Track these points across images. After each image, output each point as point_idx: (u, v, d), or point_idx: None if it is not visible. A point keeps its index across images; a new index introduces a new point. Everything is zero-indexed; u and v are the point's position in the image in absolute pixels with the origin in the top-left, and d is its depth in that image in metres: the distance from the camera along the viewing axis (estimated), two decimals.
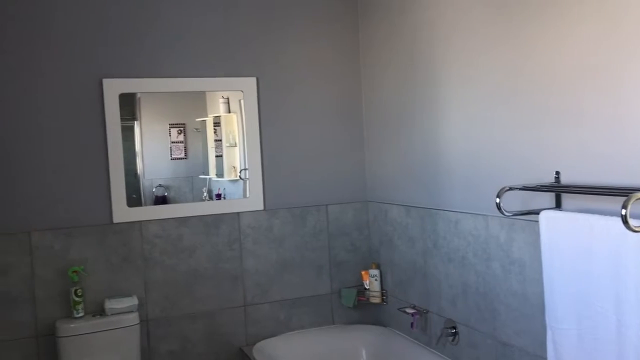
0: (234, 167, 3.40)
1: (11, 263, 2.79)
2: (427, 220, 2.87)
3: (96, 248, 2.92)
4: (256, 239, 3.22)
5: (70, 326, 2.77)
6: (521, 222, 2.25)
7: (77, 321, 2.81)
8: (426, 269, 2.90)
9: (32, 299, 2.82)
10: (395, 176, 3.17)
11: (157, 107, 3.29)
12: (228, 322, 3.16)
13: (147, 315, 3.01)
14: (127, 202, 3.01)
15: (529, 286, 2.25)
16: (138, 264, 3.00)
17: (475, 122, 2.50)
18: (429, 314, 2.89)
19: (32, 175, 2.82)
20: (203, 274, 3.12)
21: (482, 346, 2.53)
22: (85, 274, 2.89)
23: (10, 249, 2.78)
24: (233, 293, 3.18)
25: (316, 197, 3.35)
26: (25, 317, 2.81)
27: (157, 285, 3.03)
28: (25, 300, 2.81)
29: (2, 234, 2.77)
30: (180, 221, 3.08)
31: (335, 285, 3.38)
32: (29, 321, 2.82)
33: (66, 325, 2.77)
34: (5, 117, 2.78)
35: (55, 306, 2.85)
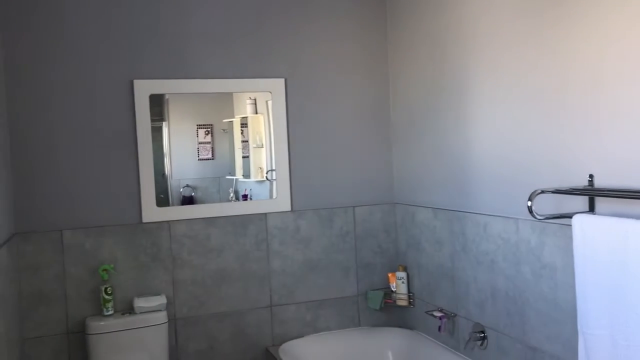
0: (261, 168, 3.42)
1: (44, 261, 2.84)
2: (455, 223, 2.84)
3: (126, 247, 2.96)
4: (283, 240, 3.23)
5: (100, 324, 2.81)
6: (553, 226, 2.22)
7: (106, 319, 2.85)
8: (454, 272, 2.87)
9: (63, 296, 2.87)
10: (422, 178, 3.14)
11: (185, 108, 3.33)
12: (255, 323, 3.18)
13: (175, 314, 3.04)
14: (156, 202, 3.04)
15: (560, 291, 2.21)
16: (166, 263, 3.03)
17: (506, 123, 2.47)
18: (457, 317, 2.86)
19: (65, 175, 2.87)
20: (230, 274, 3.14)
21: (511, 351, 2.50)
22: (115, 273, 2.93)
23: (43, 247, 2.84)
24: (260, 293, 3.19)
25: (343, 199, 3.34)
26: (57, 314, 2.86)
27: (185, 284, 3.06)
28: (57, 298, 2.86)
29: (35, 233, 2.83)
30: (208, 221, 3.11)
31: (361, 287, 3.37)
32: (61, 318, 2.87)
33: (96, 322, 2.81)
34: (40, 118, 2.83)
35: (85, 304, 2.90)
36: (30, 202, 2.82)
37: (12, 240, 2.66)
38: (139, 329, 2.85)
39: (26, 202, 2.81)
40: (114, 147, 2.95)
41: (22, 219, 2.81)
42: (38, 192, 2.83)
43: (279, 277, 3.22)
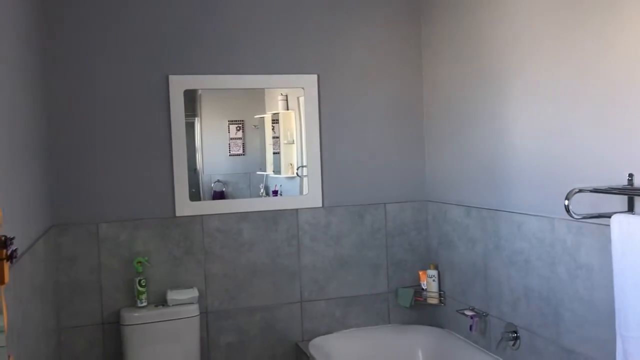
0: (291, 164, 3.43)
1: (80, 253, 2.90)
2: (489, 221, 2.81)
3: (159, 240, 3.01)
4: (314, 236, 3.24)
5: (134, 315, 2.86)
6: (590, 225, 2.17)
7: (140, 310, 2.89)
8: (486, 271, 2.84)
9: (99, 287, 2.93)
10: (455, 176, 3.11)
11: (217, 104, 3.36)
12: (285, 318, 3.19)
13: (207, 307, 3.07)
14: (189, 197, 3.08)
15: (596, 292, 2.16)
16: (199, 257, 3.06)
17: (544, 121, 2.43)
18: (489, 317, 2.83)
19: (101, 169, 2.93)
20: (261, 269, 3.16)
21: (544, 352, 2.46)
22: (149, 265, 2.98)
23: (79, 239, 2.90)
24: (290, 289, 3.20)
25: (375, 196, 3.33)
26: (92, 305, 2.92)
27: (217, 278, 3.09)
28: (93, 289, 2.92)
29: (72, 225, 2.89)
30: (240, 216, 3.13)
31: (392, 285, 3.36)
32: (96, 309, 2.92)
33: (130, 314, 2.86)
34: (78, 112, 2.89)
35: (120, 295, 2.95)
36: (67, 195, 2.88)
37: (50, 232, 2.72)
38: (172, 321, 2.89)
39: (63, 195, 2.88)
40: (149, 141, 2.99)
41: (60, 211, 2.87)
42: (75, 185, 2.89)
43: (309, 272, 3.23)
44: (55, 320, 2.74)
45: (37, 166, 2.49)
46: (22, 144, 2.14)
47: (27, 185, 2.21)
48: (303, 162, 3.33)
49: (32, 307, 2.12)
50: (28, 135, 2.29)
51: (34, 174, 2.39)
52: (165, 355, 2.86)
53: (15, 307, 1.74)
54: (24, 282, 1.98)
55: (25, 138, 2.23)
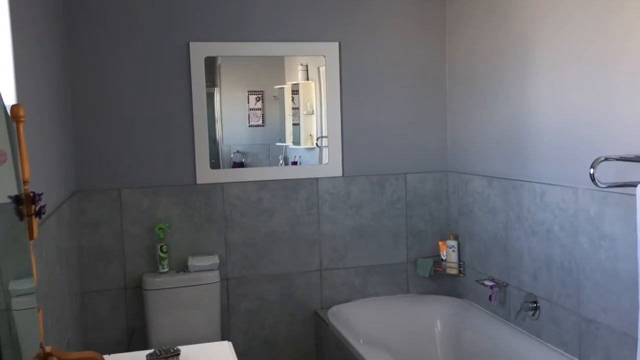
0: (311, 135, 3.42)
1: (103, 219, 2.94)
2: (511, 191, 2.78)
3: (181, 207, 3.03)
4: (334, 205, 3.24)
5: (156, 280, 2.90)
6: (615, 195, 2.15)
7: (162, 276, 2.94)
8: (507, 241, 2.83)
9: (121, 253, 2.97)
10: (477, 146, 3.08)
11: (236, 74, 3.34)
12: (304, 285, 3.22)
13: (227, 274, 3.10)
14: (210, 163, 3.09)
15: (620, 262, 2.15)
16: (219, 224, 3.09)
17: (568, 88, 2.39)
18: (509, 287, 2.83)
19: (123, 136, 2.95)
20: (281, 237, 3.18)
21: (564, 322, 2.45)
22: (170, 232, 3.01)
23: (102, 205, 2.93)
24: (310, 257, 3.22)
25: (395, 166, 3.32)
26: (115, 270, 2.97)
27: (237, 245, 3.12)
28: (115, 254, 2.96)
29: (95, 191, 2.92)
30: (260, 184, 3.14)
31: (411, 255, 3.36)
32: (118, 274, 2.97)
33: (152, 279, 2.91)
34: (100, 80, 2.90)
35: (142, 261, 3.00)
36: (90, 162, 2.91)
37: (73, 197, 2.76)
38: (193, 286, 2.92)
39: (86, 161, 2.91)
40: (170, 108, 3.00)
41: (83, 177, 2.90)
42: (97, 152, 2.92)
43: (329, 241, 3.24)
44: (79, 284, 2.79)
45: (61, 133, 2.52)
46: (45, 111, 2.16)
47: (51, 151, 2.23)
48: (323, 133, 3.32)
49: (58, 270, 2.17)
50: (50, 103, 2.31)
51: (57, 140, 2.42)
52: (186, 320, 2.90)
53: (41, 269, 1.77)
54: (50, 244, 2.02)
55: (48, 105, 2.25)
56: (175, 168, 3.02)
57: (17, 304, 1.19)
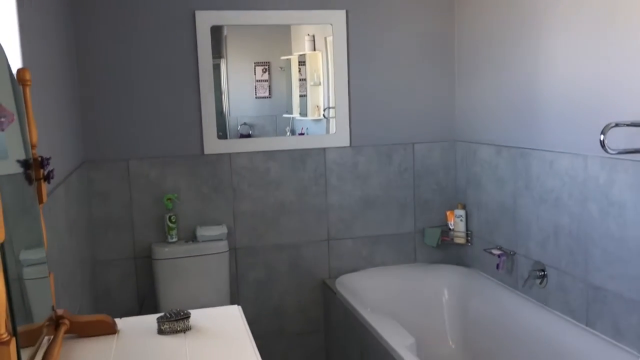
0: (318, 107, 3.40)
1: (112, 189, 2.95)
2: (519, 160, 2.77)
3: (189, 178, 3.04)
4: (341, 175, 3.24)
5: (165, 250, 2.93)
6: (625, 162, 2.13)
7: (170, 246, 2.96)
8: (515, 210, 2.82)
9: (130, 223, 2.99)
10: (486, 114, 3.06)
11: (242, 45, 3.31)
12: (312, 255, 3.24)
13: (235, 244, 3.12)
14: (217, 135, 3.09)
15: (629, 229, 2.14)
16: (227, 194, 3.09)
17: (578, 54, 2.35)
18: (516, 256, 2.83)
19: (130, 107, 2.94)
20: (289, 207, 3.18)
21: (572, 290, 2.46)
22: (179, 202, 3.03)
23: (110, 175, 2.94)
24: (317, 227, 3.23)
25: (403, 135, 3.30)
26: (125, 240, 2.99)
27: (245, 215, 3.13)
28: (125, 224, 2.98)
29: (103, 161, 2.93)
30: (268, 155, 3.14)
31: (419, 225, 3.37)
32: (128, 243, 3.00)
33: (161, 248, 2.93)
34: (106, 49, 2.88)
35: (151, 231, 3.02)
36: (98, 132, 2.91)
37: (82, 167, 2.77)
38: (202, 256, 2.95)
39: (94, 131, 2.91)
40: (176, 78, 2.99)
41: (91, 147, 2.91)
42: (105, 122, 2.92)
43: (336, 211, 3.25)
44: (89, 254, 2.82)
45: (68, 101, 2.51)
46: (52, 78, 2.15)
47: (58, 119, 2.23)
48: (330, 104, 3.30)
49: (68, 239, 2.18)
50: (57, 71, 2.30)
51: (64, 109, 2.41)
52: (195, 289, 2.93)
53: (51, 238, 1.79)
54: (59, 213, 2.03)
55: (55, 73, 2.24)
56: (182, 139, 3.02)
57: (28, 273, 1.21)
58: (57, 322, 1.28)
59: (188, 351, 1.25)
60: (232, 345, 1.28)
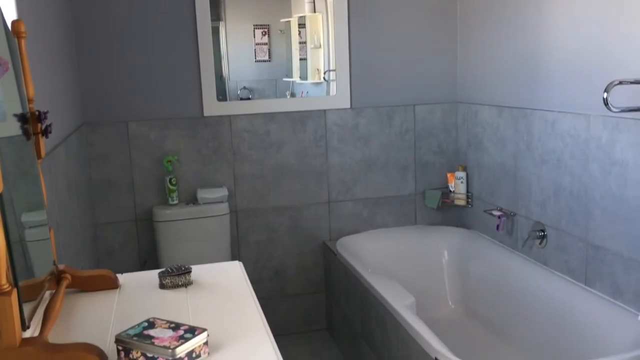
0: (318, 70, 3.37)
1: (111, 151, 2.94)
2: (521, 121, 2.75)
3: (189, 140, 3.02)
4: (342, 137, 3.22)
5: (166, 212, 2.93)
6: (627, 121, 2.11)
7: (172, 208, 2.96)
8: (516, 171, 2.82)
9: (131, 185, 2.99)
10: (488, 75, 3.03)
11: (241, 7, 3.27)
12: (312, 217, 3.25)
13: (236, 206, 3.13)
14: (217, 97, 3.06)
15: (629, 189, 2.13)
16: (227, 157, 3.08)
17: (581, 12, 2.31)
18: (517, 216, 2.84)
19: (129, 69, 2.91)
20: (289, 170, 3.18)
21: (571, 249, 2.47)
22: (179, 164, 3.02)
23: (110, 137, 2.93)
24: (318, 189, 3.23)
25: (404, 97, 3.27)
26: (126, 202, 2.99)
27: (245, 178, 3.12)
28: (125, 187, 2.98)
29: (103, 123, 2.91)
30: (268, 117, 3.12)
31: (419, 187, 3.36)
32: (129, 206, 3.00)
33: (162, 211, 2.94)
34: (105, 11, 2.84)
35: (151, 193, 3.02)
36: (96, 94, 2.89)
37: (81, 129, 2.75)
38: (203, 218, 2.95)
39: (93, 93, 2.88)
40: (175, 41, 2.95)
41: (90, 109, 2.89)
42: (104, 84, 2.89)
43: (337, 173, 3.24)
44: (90, 216, 2.83)
45: (65, 61, 2.49)
46: (49, 34, 2.12)
47: (56, 77, 2.21)
48: (330, 67, 3.26)
49: (68, 200, 2.18)
50: (53, 28, 2.27)
51: (64, 71, 2.39)
52: (196, 251, 2.95)
53: (52, 199, 1.79)
54: (59, 174, 2.02)
55: (51, 29, 2.21)
56: (182, 101, 3.00)
57: (30, 235, 1.21)
58: (59, 276, 1.28)
59: (190, 304, 1.26)
60: (233, 298, 1.29)
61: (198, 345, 1.02)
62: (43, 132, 1.21)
